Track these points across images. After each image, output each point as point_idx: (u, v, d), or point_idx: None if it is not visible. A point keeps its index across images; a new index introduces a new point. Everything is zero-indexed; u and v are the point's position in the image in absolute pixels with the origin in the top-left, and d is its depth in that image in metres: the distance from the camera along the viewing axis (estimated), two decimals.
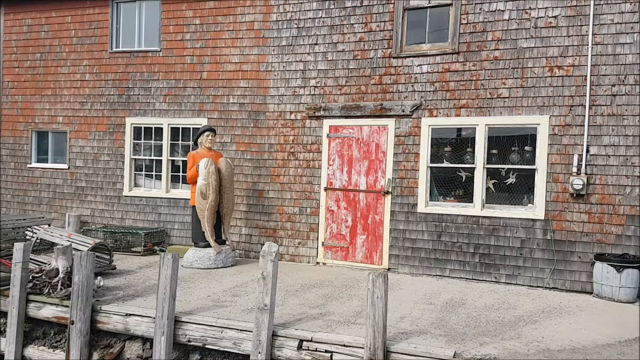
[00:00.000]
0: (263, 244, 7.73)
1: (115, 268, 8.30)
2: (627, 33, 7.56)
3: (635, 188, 7.50)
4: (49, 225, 9.87)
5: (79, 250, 7.38)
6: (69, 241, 8.05)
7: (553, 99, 7.93)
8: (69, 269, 6.68)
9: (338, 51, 9.20)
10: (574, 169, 7.74)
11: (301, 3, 9.43)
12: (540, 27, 7.99)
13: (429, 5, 8.65)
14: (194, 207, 8.89)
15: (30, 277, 6.79)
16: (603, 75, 7.67)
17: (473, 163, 8.37)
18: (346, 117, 9.12)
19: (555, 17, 7.92)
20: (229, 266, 8.92)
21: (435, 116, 8.58)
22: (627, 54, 7.56)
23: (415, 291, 7.54)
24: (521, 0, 8.09)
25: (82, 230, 10.15)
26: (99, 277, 6.95)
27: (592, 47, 7.70)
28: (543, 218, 7.94)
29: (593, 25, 7.70)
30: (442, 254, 8.52)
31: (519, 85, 8.11)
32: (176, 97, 10.36)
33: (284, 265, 8.98)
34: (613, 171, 7.61)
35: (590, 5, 7.70)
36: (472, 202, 8.39)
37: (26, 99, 11.66)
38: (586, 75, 7.73)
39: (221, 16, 10.00)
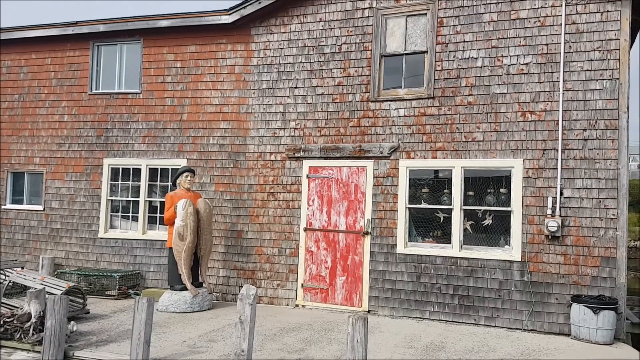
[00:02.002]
0: (241, 286, 7.67)
1: (89, 312, 8.11)
2: (597, 80, 7.84)
3: (609, 230, 7.64)
4: (22, 268, 9.62)
5: (53, 294, 7.21)
6: (42, 284, 7.86)
7: (526, 143, 8.13)
8: (41, 313, 6.52)
9: (317, 94, 9.36)
10: (549, 211, 7.87)
11: (281, 48, 9.63)
12: (513, 74, 8.26)
13: (405, 52, 8.90)
14: (170, 249, 8.78)
15: (2, 322, 6.61)
16: (574, 120, 7.91)
17: (450, 204, 8.48)
18: (325, 158, 9.22)
19: (526, 64, 8.20)
20: (205, 310, 8.77)
21: (413, 158, 8.72)
22: (597, 100, 7.82)
23: (396, 334, 7.49)
24: (493, 48, 8.38)
25: (56, 273, 9.93)
26: (72, 322, 6.80)
27: (563, 93, 7.96)
28: (520, 259, 8.01)
29: (564, 72, 7.98)
30: (421, 295, 8.51)
31: (492, 129, 8.31)
32: (155, 138, 10.37)
33: (263, 308, 8.86)
34: (587, 213, 7.76)
35: (560, 53, 8.00)
36: (450, 243, 8.45)
37: (2, 140, 11.54)
38: (558, 120, 7.96)
39: (202, 60, 10.14)
